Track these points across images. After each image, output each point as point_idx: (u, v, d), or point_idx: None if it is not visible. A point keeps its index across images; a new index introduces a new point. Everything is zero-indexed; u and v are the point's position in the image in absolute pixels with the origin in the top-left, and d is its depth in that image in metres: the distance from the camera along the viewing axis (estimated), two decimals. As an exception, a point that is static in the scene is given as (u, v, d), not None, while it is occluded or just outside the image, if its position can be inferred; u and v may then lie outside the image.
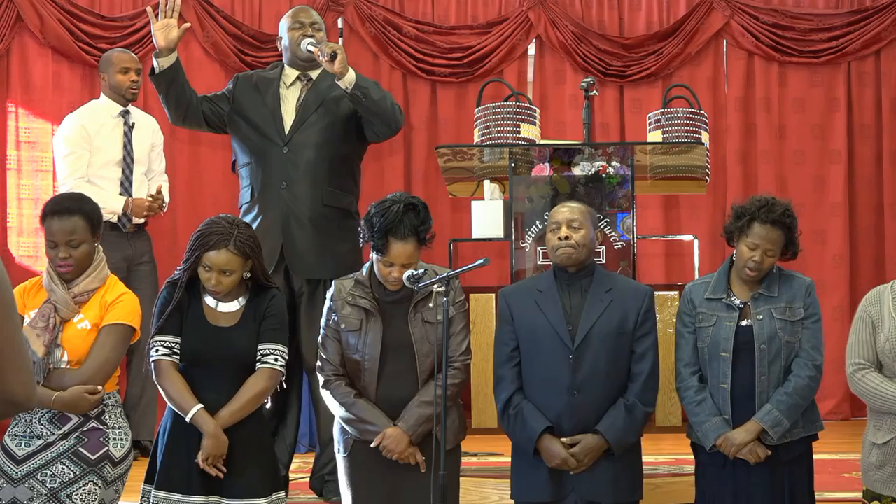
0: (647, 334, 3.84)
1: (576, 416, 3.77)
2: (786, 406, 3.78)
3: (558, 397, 3.77)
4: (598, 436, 3.75)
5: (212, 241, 3.65)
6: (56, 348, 3.58)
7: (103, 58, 6.07)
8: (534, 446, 3.77)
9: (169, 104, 4.88)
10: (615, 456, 3.78)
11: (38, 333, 3.55)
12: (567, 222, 3.82)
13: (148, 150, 6.01)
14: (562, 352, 3.78)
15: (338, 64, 4.60)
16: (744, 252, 3.82)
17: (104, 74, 5.98)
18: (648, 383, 3.82)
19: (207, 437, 3.58)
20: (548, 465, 3.77)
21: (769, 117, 7.24)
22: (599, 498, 3.78)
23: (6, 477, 3.55)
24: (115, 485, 3.66)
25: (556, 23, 7.16)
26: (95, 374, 3.58)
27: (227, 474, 3.61)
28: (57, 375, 3.56)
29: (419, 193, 6.92)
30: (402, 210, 3.67)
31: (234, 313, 3.72)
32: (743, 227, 3.82)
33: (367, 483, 3.80)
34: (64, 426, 3.58)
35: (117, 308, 3.66)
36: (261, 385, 3.67)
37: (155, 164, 6.05)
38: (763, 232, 3.79)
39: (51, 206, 3.68)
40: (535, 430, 3.76)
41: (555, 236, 3.83)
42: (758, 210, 3.80)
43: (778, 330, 3.81)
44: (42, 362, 3.54)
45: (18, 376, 2.02)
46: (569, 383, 3.76)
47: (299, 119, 4.85)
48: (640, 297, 3.86)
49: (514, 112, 4.79)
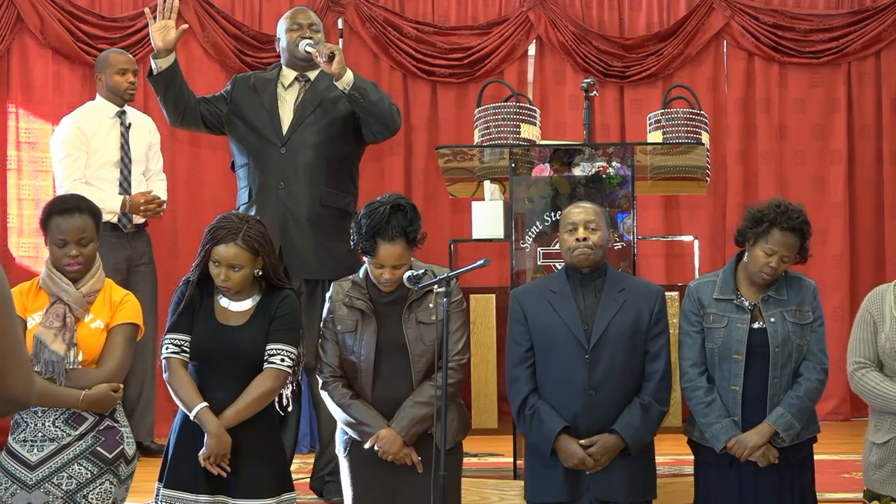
0: (661, 333, 3.85)
1: (592, 416, 3.78)
2: (797, 409, 3.79)
3: (575, 397, 3.78)
4: (616, 435, 3.76)
5: (220, 234, 3.66)
6: (71, 348, 3.59)
7: (99, 58, 6.06)
8: (551, 446, 3.78)
9: (167, 105, 4.88)
10: (631, 455, 3.79)
11: (56, 333, 3.57)
12: (584, 223, 3.82)
13: (145, 149, 6.01)
14: (578, 352, 3.78)
15: (336, 64, 4.60)
16: (760, 257, 3.80)
17: (101, 75, 5.97)
18: (663, 382, 3.84)
19: (210, 435, 3.59)
20: (565, 466, 3.77)
21: (769, 118, 7.24)
22: (615, 497, 3.79)
23: (20, 483, 3.54)
24: (126, 483, 3.69)
25: (556, 23, 7.16)
26: (116, 373, 3.63)
27: (233, 474, 3.62)
28: (79, 375, 3.58)
29: (419, 194, 6.94)
30: (389, 211, 3.68)
31: (244, 312, 3.72)
32: (761, 232, 3.79)
33: (367, 483, 3.80)
34: (80, 427, 3.59)
35: (126, 308, 3.70)
36: (266, 385, 3.66)
37: (152, 164, 6.05)
38: (782, 239, 3.77)
39: (57, 205, 3.69)
40: (553, 430, 3.77)
41: (571, 237, 3.82)
42: (777, 216, 3.77)
43: (791, 333, 3.81)
44: (62, 362, 3.55)
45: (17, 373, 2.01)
46: (585, 383, 3.77)
47: (297, 119, 4.86)
48: (653, 297, 3.88)
49: (515, 112, 4.79)
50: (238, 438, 3.62)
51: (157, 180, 6.05)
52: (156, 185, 6.01)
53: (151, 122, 6.14)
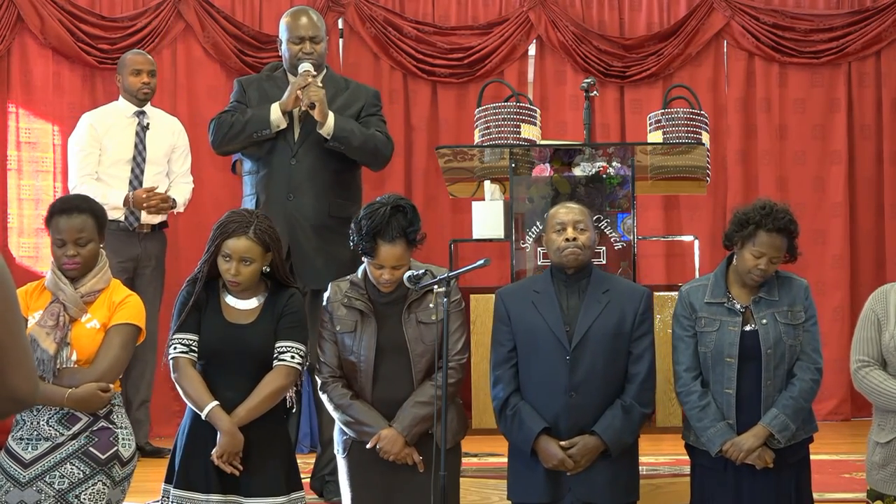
0: (645, 335, 3.84)
1: (573, 417, 3.76)
2: (792, 410, 3.78)
3: (555, 398, 3.77)
4: (596, 437, 3.75)
5: (231, 228, 3.66)
6: (65, 347, 3.59)
7: (120, 59, 6.15)
8: (531, 447, 3.77)
9: (237, 148, 4.95)
10: (612, 457, 3.77)
11: (48, 332, 3.56)
12: (573, 223, 3.81)
13: (166, 151, 6.03)
14: (559, 353, 3.77)
15: (318, 114, 4.70)
16: (748, 260, 3.79)
17: (119, 76, 6.07)
18: (646, 384, 3.82)
19: (223, 434, 3.57)
20: (544, 466, 3.77)
21: (769, 118, 7.24)
22: (596, 499, 3.78)
23: (13, 481, 3.54)
24: (122, 485, 3.66)
25: (556, 23, 7.17)
26: (107, 373, 3.60)
27: (245, 472, 3.60)
28: (68, 374, 3.57)
29: (419, 194, 6.95)
30: (390, 212, 3.68)
31: (251, 311, 3.72)
32: (747, 235, 3.78)
33: (366, 483, 3.80)
34: (73, 426, 3.58)
35: (126, 308, 3.68)
36: (277, 382, 3.65)
37: (176, 166, 6.06)
38: (769, 240, 3.76)
39: (58, 205, 3.70)
40: (533, 430, 3.76)
41: (560, 237, 3.81)
42: (763, 218, 3.75)
43: (782, 334, 3.80)
44: (52, 361, 3.55)
45: (22, 372, 2.01)
46: (566, 384, 3.76)
47: (307, 131, 4.87)
48: (638, 299, 3.86)
49: (515, 112, 4.79)
50: (249, 437, 3.61)
51: (180, 182, 6.06)
52: (178, 187, 6.03)
53: (178, 125, 6.16)
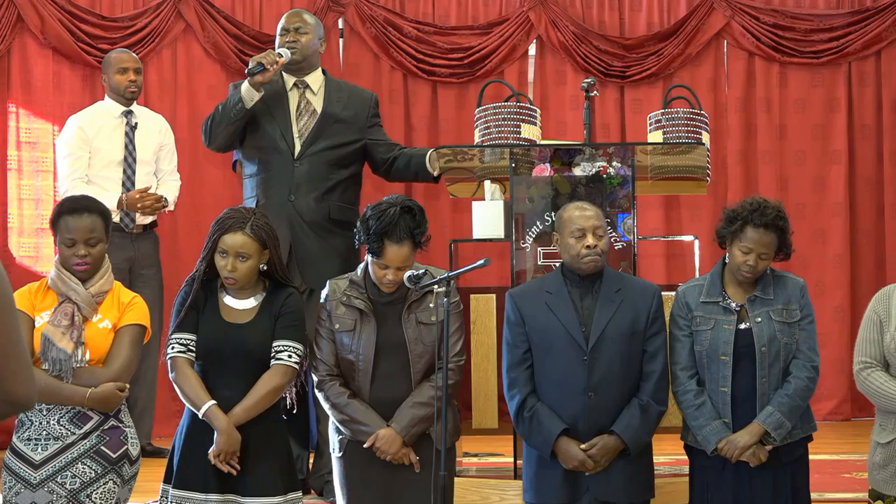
0: (658, 333, 3.85)
1: (591, 418, 3.77)
2: (787, 408, 3.78)
3: (573, 399, 3.77)
4: (615, 436, 3.75)
5: (228, 224, 3.68)
6: (79, 347, 3.61)
7: (104, 59, 6.09)
8: (551, 449, 3.77)
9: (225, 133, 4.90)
10: (630, 456, 3.78)
11: (64, 331, 3.59)
12: (593, 229, 3.80)
13: (154, 150, 5.99)
14: (576, 353, 3.77)
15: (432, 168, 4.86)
16: (738, 256, 3.80)
17: (105, 76, 6.00)
18: (661, 382, 3.83)
19: (220, 433, 3.58)
20: (564, 467, 3.77)
21: (770, 118, 7.24)
22: (614, 498, 3.78)
23: (24, 482, 3.55)
24: (130, 483, 3.69)
25: (556, 23, 7.17)
26: (123, 372, 3.65)
27: (243, 472, 3.61)
28: (86, 373, 3.60)
29: (419, 194, 6.93)
30: (399, 213, 3.68)
31: (249, 310, 3.72)
32: (736, 231, 3.80)
33: (361, 483, 3.79)
34: (85, 425, 3.60)
35: (134, 309, 3.72)
36: (275, 381, 3.66)
37: (163, 164, 6.03)
38: (756, 236, 3.77)
39: (68, 205, 3.71)
40: (553, 432, 3.76)
41: (580, 244, 3.79)
42: (750, 214, 3.77)
43: (777, 332, 3.81)
44: (69, 360, 3.57)
45: (19, 376, 2.01)
46: (584, 385, 3.76)
47: (310, 135, 4.88)
48: (650, 296, 3.87)
49: (515, 112, 4.79)
50: (246, 436, 3.62)
51: (169, 180, 6.03)
52: (167, 185, 6.00)
53: (163, 123, 6.13)
